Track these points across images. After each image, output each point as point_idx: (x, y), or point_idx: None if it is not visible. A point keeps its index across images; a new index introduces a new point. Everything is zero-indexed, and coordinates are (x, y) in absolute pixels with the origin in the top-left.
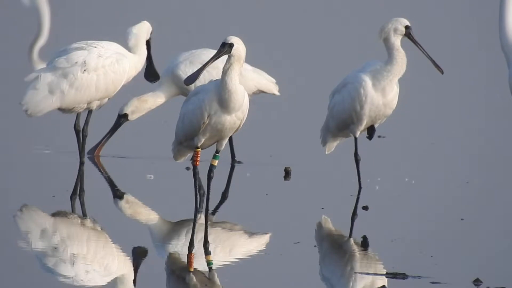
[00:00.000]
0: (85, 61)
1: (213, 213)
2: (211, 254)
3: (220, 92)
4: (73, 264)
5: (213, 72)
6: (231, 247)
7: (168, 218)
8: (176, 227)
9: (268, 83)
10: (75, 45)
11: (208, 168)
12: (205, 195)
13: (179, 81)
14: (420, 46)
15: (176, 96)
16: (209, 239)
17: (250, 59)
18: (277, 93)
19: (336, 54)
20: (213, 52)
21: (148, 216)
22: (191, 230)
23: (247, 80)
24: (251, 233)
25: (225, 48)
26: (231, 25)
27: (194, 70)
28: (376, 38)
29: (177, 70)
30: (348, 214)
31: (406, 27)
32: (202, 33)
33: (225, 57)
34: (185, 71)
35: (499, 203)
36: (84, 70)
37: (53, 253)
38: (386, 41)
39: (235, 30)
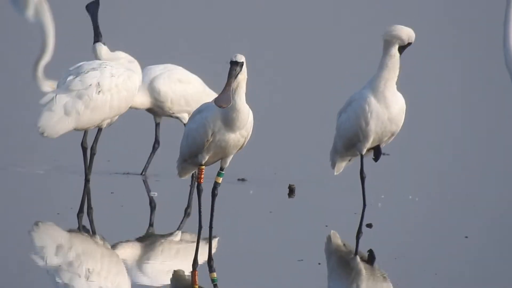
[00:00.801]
0: (99, 83)
1: (217, 230)
2: (215, 271)
3: (227, 110)
4: (86, 279)
5: (188, 87)
6: (234, 264)
7: (171, 235)
8: (179, 244)
9: None
10: (86, 65)
11: (212, 186)
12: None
13: (157, 95)
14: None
15: (144, 108)
16: (213, 256)
17: (258, 73)
18: None
19: (342, 71)
20: (180, 69)
21: (151, 234)
22: (194, 247)
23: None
24: (254, 251)
25: (238, 67)
26: (223, 34)
27: (172, 86)
28: (381, 33)
29: (157, 84)
30: (353, 232)
31: (409, 44)
32: (199, 42)
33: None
34: (164, 84)
35: (503, 220)
36: (99, 92)
37: (67, 269)
38: (385, 43)
39: (232, 42)
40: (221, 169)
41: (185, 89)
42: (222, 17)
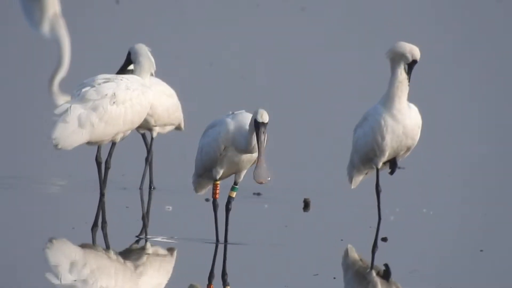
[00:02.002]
0: (114, 93)
1: (232, 244)
2: (229, 285)
3: (242, 146)
4: None
5: (170, 100)
6: (249, 279)
7: (186, 250)
8: (194, 257)
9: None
10: (99, 78)
11: (226, 200)
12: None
13: None
14: (408, 80)
15: None
16: (227, 271)
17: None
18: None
19: (357, 85)
20: (161, 81)
21: (166, 248)
22: (211, 261)
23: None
24: (269, 265)
25: (265, 127)
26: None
27: (158, 99)
28: (385, 53)
29: None
30: (368, 246)
31: (414, 61)
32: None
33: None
34: (154, 98)
35: None
36: (114, 103)
37: (82, 286)
38: (390, 61)
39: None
40: (235, 183)
41: (169, 102)
42: (236, 37)
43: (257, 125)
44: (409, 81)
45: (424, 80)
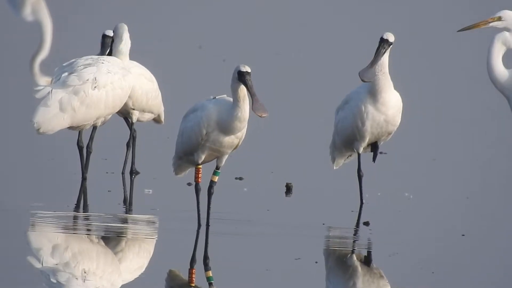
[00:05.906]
0: (95, 78)
1: (214, 228)
2: (211, 269)
3: (228, 118)
4: (81, 280)
5: (150, 85)
6: (230, 263)
7: (166, 234)
8: (175, 242)
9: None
10: (81, 61)
11: (208, 185)
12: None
13: None
14: (377, 55)
15: None
16: (209, 254)
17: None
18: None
19: (340, 70)
20: (141, 66)
21: (146, 232)
22: (193, 245)
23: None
24: (251, 249)
25: (249, 76)
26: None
27: (139, 83)
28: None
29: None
30: (350, 230)
31: (382, 40)
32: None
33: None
34: (133, 80)
35: (500, 218)
36: (95, 87)
37: (63, 269)
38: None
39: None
40: (217, 168)
41: (148, 86)
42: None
43: (242, 76)
44: (378, 56)
45: (412, 63)
